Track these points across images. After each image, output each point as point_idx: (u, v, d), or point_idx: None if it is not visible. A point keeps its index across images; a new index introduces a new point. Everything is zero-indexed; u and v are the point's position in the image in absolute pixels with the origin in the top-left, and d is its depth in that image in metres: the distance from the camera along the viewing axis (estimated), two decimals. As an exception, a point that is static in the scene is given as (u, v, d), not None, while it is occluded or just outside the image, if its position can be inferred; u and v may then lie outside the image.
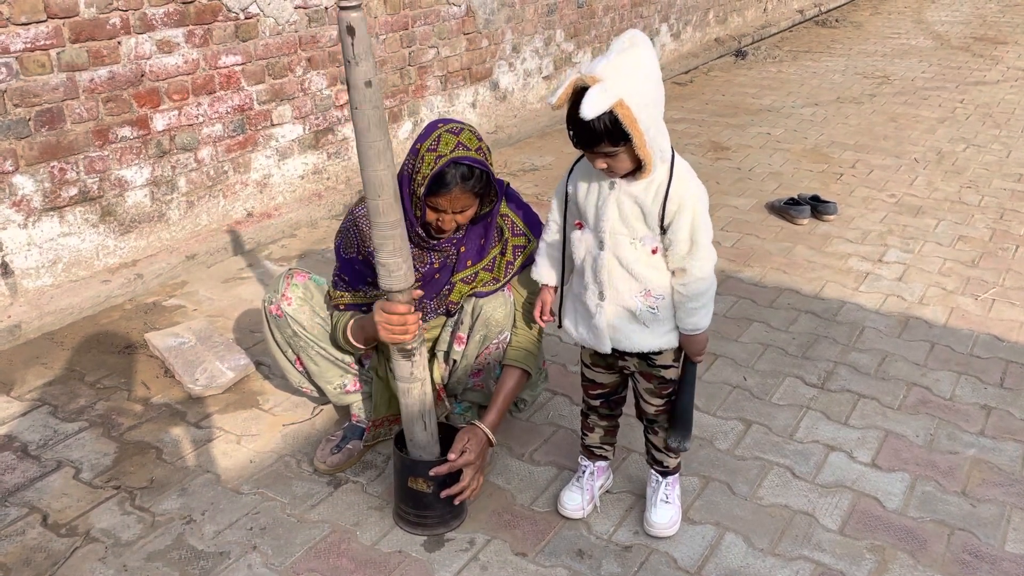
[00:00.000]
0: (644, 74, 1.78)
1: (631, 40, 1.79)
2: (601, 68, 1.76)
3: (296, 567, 2.13)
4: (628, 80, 1.75)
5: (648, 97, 1.79)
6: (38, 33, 3.17)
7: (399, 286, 2.00)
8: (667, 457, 2.24)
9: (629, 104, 1.74)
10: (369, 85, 1.76)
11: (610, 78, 1.74)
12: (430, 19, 4.91)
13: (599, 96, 1.73)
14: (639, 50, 1.78)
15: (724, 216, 4.33)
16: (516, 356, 2.36)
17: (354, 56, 1.72)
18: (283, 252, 3.98)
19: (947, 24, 9.69)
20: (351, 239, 2.31)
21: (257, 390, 2.88)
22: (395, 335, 2.05)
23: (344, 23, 1.70)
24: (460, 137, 2.11)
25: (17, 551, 2.19)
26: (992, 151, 5.30)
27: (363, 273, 2.32)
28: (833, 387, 2.88)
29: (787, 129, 5.82)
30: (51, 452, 2.56)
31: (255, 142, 4.09)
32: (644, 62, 1.78)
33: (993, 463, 2.50)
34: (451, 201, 2.11)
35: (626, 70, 1.76)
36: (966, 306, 3.41)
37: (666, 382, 2.12)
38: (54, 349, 3.14)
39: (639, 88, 1.76)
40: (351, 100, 1.78)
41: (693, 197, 1.90)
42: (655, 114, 1.81)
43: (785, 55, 8.18)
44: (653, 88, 1.80)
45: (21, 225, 3.28)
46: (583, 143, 1.84)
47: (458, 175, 2.08)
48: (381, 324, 2.05)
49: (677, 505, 2.26)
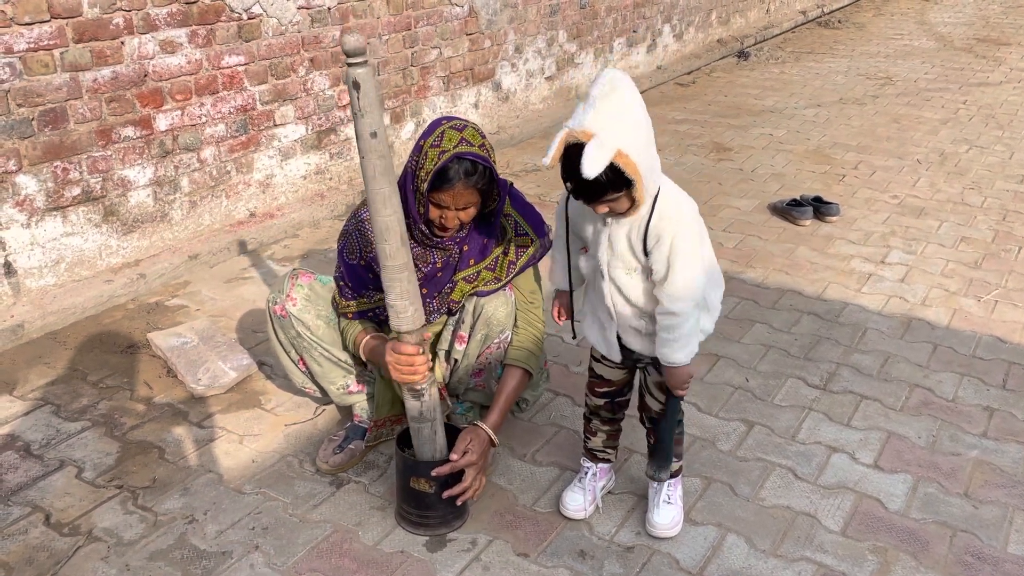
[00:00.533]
0: (634, 118, 1.75)
1: (611, 83, 1.74)
2: (591, 120, 1.72)
3: (298, 567, 2.13)
4: (620, 127, 1.72)
5: (642, 140, 1.76)
6: (41, 33, 3.17)
7: (407, 327, 2.04)
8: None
9: (628, 152, 1.72)
10: (375, 136, 1.82)
11: (602, 130, 1.71)
12: (433, 19, 4.92)
13: (597, 152, 1.70)
14: (622, 92, 1.74)
15: (726, 217, 4.33)
16: (518, 356, 2.36)
17: (360, 109, 1.80)
18: (286, 252, 3.98)
19: (950, 25, 9.68)
20: (354, 243, 2.31)
21: (259, 390, 2.88)
22: (404, 376, 2.08)
23: (351, 78, 1.77)
24: (464, 133, 2.11)
25: (20, 550, 2.19)
26: (995, 152, 5.30)
27: (365, 279, 2.32)
28: (835, 388, 2.88)
29: (789, 130, 5.82)
30: (54, 451, 2.56)
31: (258, 142, 4.10)
32: (630, 104, 1.75)
33: (995, 465, 2.50)
34: (454, 197, 2.11)
35: (616, 117, 1.72)
36: (969, 308, 3.41)
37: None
38: (57, 349, 3.14)
39: (632, 133, 1.74)
40: (359, 149, 1.86)
41: (670, 233, 1.87)
42: (651, 153, 1.79)
43: (788, 56, 8.18)
44: (644, 128, 1.78)
45: (24, 225, 3.28)
46: (587, 198, 1.83)
47: (461, 170, 2.08)
48: (391, 364, 2.08)
49: (679, 506, 2.26)
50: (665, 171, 1.92)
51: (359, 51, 1.75)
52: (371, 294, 2.34)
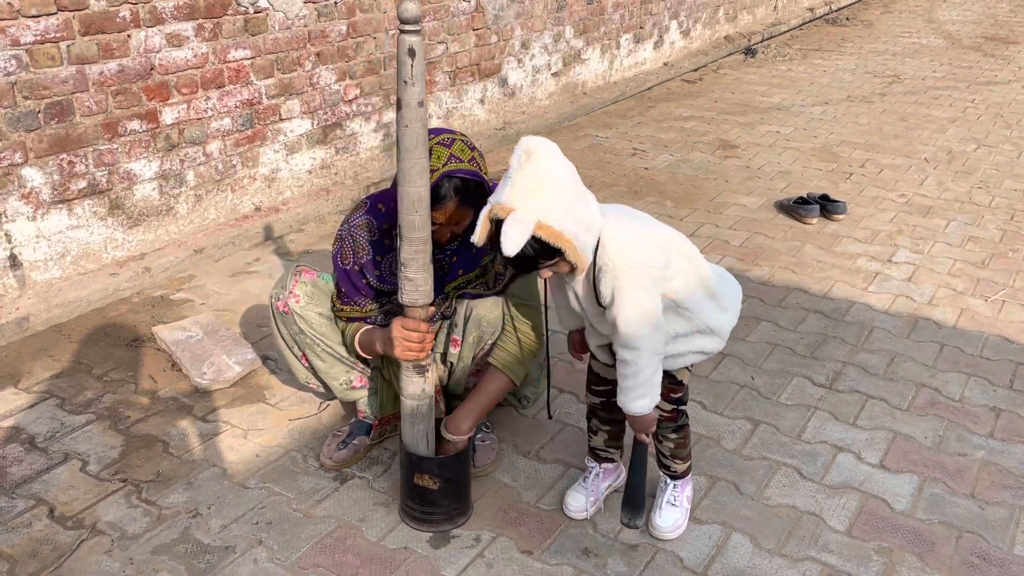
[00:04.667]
0: (550, 184, 1.73)
1: (526, 151, 1.73)
2: (507, 196, 1.72)
3: (302, 562, 2.13)
4: (538, 198, 1.70)
5: (562, 205, 1.73)
6: (48, 25, 3.17)
7: (423, 300, 2.03)
8: (674, 463, 2.24)
9: (549, 222, 1.71)
10: (421, 105, 1.82)
11: (520, 204, 1.70)
12: (439, 14, 4.90)
13: (513, 227, 1.69)
14: (537, 159, 1.73)
15: (733, 215, 4.32)
16: (502, 359, 2.34)
17: (411, 77, 1.79)
18: (290, 247, 3.98)
19: (958, 23, 9.64)
20: (347, 249, 2.30)
21: (264, 385, 2.88)
22: (411, 352, 2.06)
23: (406, 45, 1.77)
24: (452, 149, 2.08)
25: (24, 543, 2.19)
26: (1003, 151, 5.27)
27: (358, 286, 2.31)
28: (841, 387, 2.86)
29: (796, 128, 5.80)
30: (58, 444, 2.57)
31: (263, 136, 4.09)
32: (545, 171, 1.73)
33: (1002, 465, 2.49)
34: (446, 215, 2.10)
35: (532, 188, 1.71)
36: (976, 307, 3.39)
37: (676, 383, 2.13)
38: (62, 342, 3.14)
39: (549, 201, 1.72)
40: (402, 118, 1.83)
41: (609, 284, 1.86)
42: (577, 215, 1.76)
43: (795, 53, 8.15)
44: (564, 192, 1.75)
45: (30, 217, 3.28)
46: (522, 270, 1.85)
47: (451, 189, 2.07)
48: (399, 340, 2.06)
49: (685, 508, 2.24)
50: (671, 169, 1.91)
51: (415, 18, 1.75)
52: (363, 302, 2.33)
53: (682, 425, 2.20)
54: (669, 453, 2.23)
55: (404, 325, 2.05)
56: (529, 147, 1.73)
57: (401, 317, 2.07)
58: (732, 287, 2.11)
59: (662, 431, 2.19)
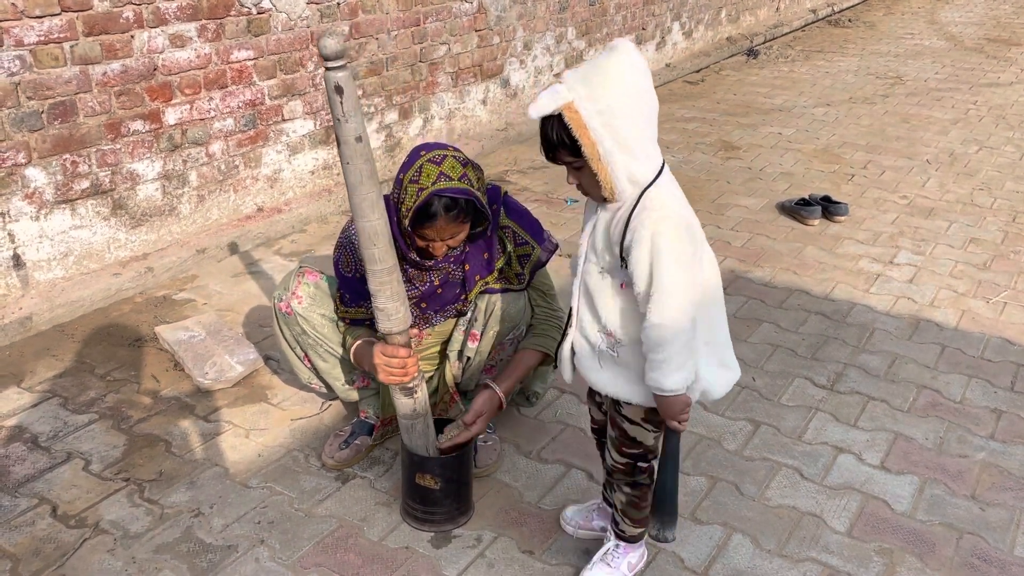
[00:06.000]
0: (611, 81, 1.58)
1: (611, 46, 1.62)
2: (571, 72, 1.63)
3: (303, 561, 2.13)
4: (588, 84, 1.59)
5: (607, 104, 1.58)
6: (52, 26, 3.18)
7: (398, 328, 2.02)
8: (624, 521, 2.00)
9: (579, 108, 1.58)
10: (359, 140, 1.77)
11: (568, 80, 1.61)
12: (442, 16, 4.91)
13: (547, 97, 1.59)
14: (614, 55, 1.59)
15: (734, 216, 4.32)
16: (538, 342, 2.37)
17: (343, 114, 1.74)
18: (293, 247, 3.98)
19: (961, 25, 9.64)
20: (348, 256, 2.31)
21: (266, 384, 2.89)
22: (395, 377, 2.07)
23: (332, 83, 1.70)
24: (442, 167, 2.06)
25: (26, 542, 2.20)
26: (1005, 153, 5.27)
27: (361, 291, 2.32)
28: (842, 389, 2.87)
29: (798, 129, 5.80)
30: (61, 444, 2.57)
31: (266, 137, 4.10)
32: (615, 68, 1.59)
33: (1003, 467, 2.49)
34: (438, 231, 2.10)
35: (588, 74, 1.61)
36: (977, 309, 3.39)
37: (629, 440, 1.87)
38: (64, 341, 3.15)
39: (599, 93, 1.57)
40: (342, 155, 1.79)
41: (653, 232, 1.62)
42: (621, 127, 1.59)
43: (797, 55, 8.15)
44: (621, 97, 1.59)
45: (33, 217, 3.29)
46: (544, 149, 1.69)
47: (441, 207, 2.06)
48: (381, 367, 2.07)
49: (621, 573, 2.02)
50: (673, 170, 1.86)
51: (340, 54, 1.68)
52: (368, 305, 2.34)
53: (639, 483, 1.94)
54: (621, 508, 1.98)
55: (383, 352, 2.05)
56: (616, 44, 1.62)
57: (381, 343, 2.07)
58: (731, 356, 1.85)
59: (616, 480, 1.95)
